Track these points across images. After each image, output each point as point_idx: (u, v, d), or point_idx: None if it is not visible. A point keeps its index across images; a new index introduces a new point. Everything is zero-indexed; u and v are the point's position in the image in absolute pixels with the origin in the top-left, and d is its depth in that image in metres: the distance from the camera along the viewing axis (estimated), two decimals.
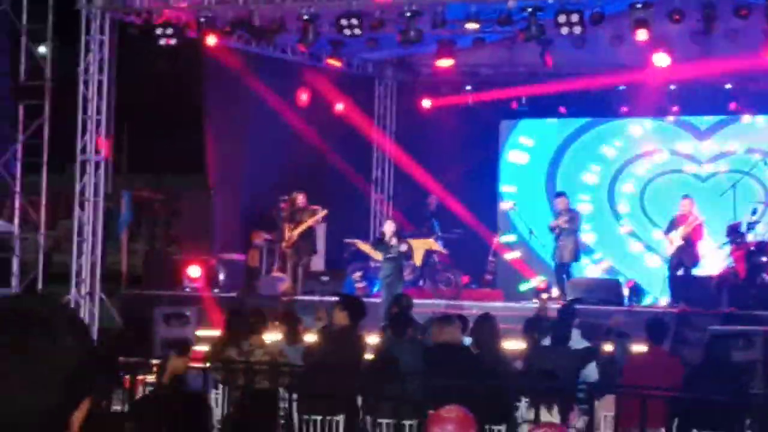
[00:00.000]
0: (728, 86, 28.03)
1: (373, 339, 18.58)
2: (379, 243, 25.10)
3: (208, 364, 16.57)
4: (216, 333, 19.63)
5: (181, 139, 30.24)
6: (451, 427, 8.00)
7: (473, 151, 30.06)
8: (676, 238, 25.29)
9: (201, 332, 22.56)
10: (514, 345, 18.42)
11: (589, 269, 28.30)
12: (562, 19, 22.08)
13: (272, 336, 17.88)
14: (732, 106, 28.44)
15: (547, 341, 16.83)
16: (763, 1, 21.65)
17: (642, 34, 22.25)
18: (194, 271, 25.97)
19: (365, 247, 26.77)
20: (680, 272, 25.23)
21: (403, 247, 24.79)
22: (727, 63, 26.12)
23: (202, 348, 18.60)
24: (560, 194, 27.04)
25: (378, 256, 25.26)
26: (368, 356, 16.90)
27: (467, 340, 16.86)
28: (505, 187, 30.45)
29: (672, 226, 25.52)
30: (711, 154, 28.90)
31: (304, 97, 28.20)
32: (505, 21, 23.25)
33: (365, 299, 21.27)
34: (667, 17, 21.96)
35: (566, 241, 25.97)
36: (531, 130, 30.77)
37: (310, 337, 18.47)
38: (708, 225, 25.73)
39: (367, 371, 16.30)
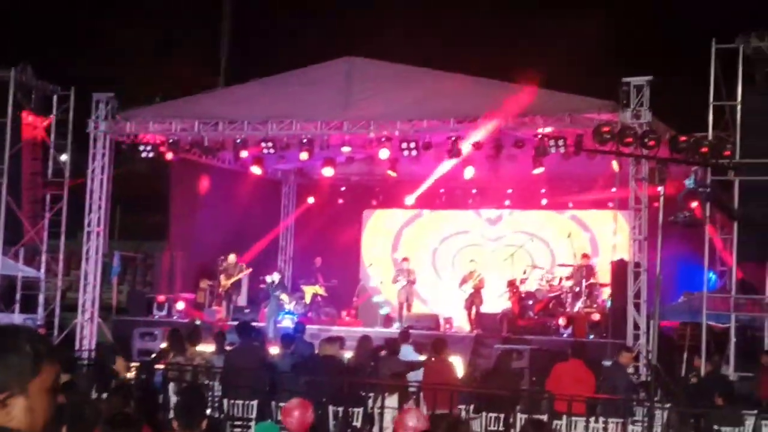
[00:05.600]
0: (509, 191, 28.24)
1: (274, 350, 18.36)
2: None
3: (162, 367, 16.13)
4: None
5: (154, 218, 29.68)
6: (296, 412, 8.41)
7: (345, 230, 29.87)
8: (468, 288, 25.38)
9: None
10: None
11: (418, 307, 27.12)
12: (404, 145, 22.24)
13: (207, 347, 17.62)
14: (510, 203, 28.59)
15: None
16: (531, 137, 21.48)
17: (455, 155, 22.28)
18: (180, 305, 25.36)
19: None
20: (473, 311, 25.17)
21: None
22: (509, 175, 26.21)
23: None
24: (406, 258, 26.96)
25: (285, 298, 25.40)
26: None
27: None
28: (365, 253, 30.12)
29: (462, 280, 25.58)
30: (497, 234, 28.83)
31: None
32: (367, 145, 23.38)
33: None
34: (472, 146, 21.95)
35: (408, 289, 25.92)
36: (383, 217, 30.43)
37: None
38: (493, 280, 25.82)
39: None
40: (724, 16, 29.73)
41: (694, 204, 21.30)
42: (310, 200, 30.32)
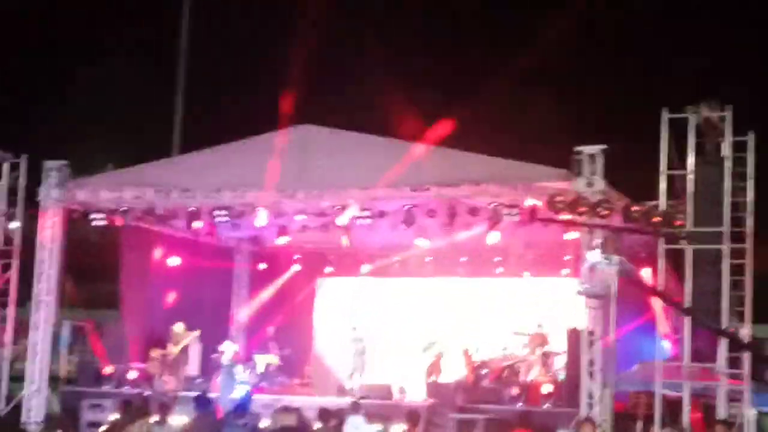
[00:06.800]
0: (463, 259, 28.26)
1: None
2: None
3: None
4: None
5: (104, 286, 29.40)
6: None
7: (299, 298, 30.01)
8: (430, 356, 25.34)
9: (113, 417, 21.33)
10: None
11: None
12: (359, 213, 22.30)
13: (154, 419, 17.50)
14: (465, 271, 28.53)
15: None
16: (486, 205, 21.36)
17: (410, 223, 22.21)
18: (132, 374, 25.40)
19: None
20: (431, 379, 25.15)
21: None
22: (463, 244, 25.98)
23: None
24: (355, 327, 26.69)
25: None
26: None
27: None
28: (318, 321, 30.16)
29: (424, 348, 25.68)
30: (453, 302, 28.45)
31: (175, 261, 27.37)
32: (321, 214, 23.21)
33: None
34: (426, 214, 21.98)
35: (359, 359, 25.95)
36: (337, 285, 30.40)
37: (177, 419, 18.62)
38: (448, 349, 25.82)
39: None
40: (676, 85, 30.18)
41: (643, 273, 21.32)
42: (262, 266, 30.27)
